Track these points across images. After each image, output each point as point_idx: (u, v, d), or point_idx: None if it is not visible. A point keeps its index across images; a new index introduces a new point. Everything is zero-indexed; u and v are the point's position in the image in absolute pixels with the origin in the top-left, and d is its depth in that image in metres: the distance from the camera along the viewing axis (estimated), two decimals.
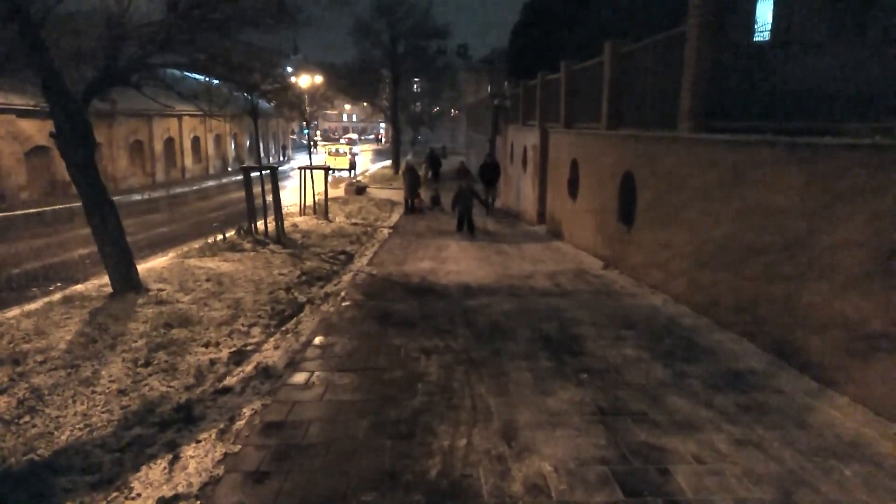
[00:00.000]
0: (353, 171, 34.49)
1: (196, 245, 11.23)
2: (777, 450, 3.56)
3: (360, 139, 73.37)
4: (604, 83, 9.80)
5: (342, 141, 58.13)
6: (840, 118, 5.03)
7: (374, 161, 48.10)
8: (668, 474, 3.30)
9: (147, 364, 5.23)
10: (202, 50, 8.33)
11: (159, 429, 4.04)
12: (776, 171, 5.05)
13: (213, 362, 5.31)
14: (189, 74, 10.78)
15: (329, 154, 35.89)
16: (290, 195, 17.51)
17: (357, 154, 38.00)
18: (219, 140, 37.32)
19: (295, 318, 6.63)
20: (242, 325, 6.36)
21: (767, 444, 3.62)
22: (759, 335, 5.29)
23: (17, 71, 7.63)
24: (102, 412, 4.34)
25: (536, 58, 19.79)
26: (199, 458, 3.60)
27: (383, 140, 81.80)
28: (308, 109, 38.10)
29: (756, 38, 6.95)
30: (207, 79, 11.82)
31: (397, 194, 20.06)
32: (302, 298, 7.47)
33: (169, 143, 30.92)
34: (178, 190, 26.80)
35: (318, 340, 5.68)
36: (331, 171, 32.79)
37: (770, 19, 6.85)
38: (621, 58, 9.36)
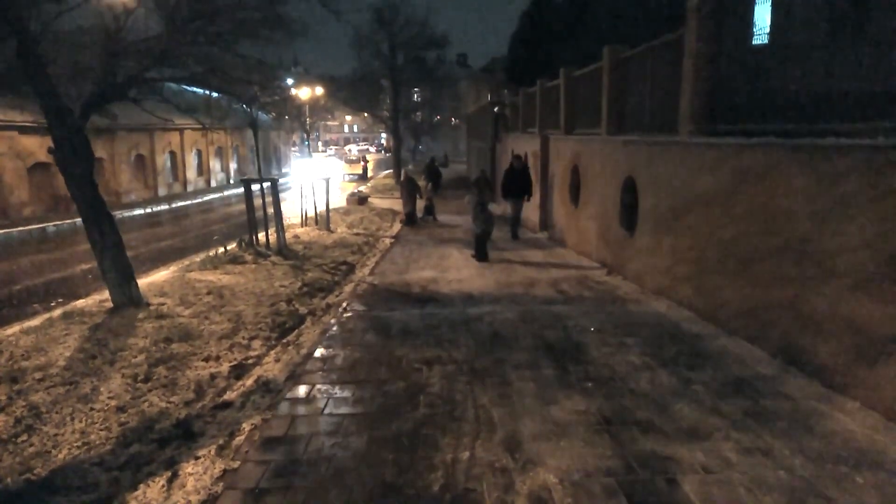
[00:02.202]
0: (365, 175, 39.48)
1: (197, 258, 11.21)
2: (786, 457, 3.48)
3: (370, 150, 77.13)
4: (603, 89, 9.77)
5: (358, 150, 69.00)
6: (842, 119, 4.98)
7: (375, 171, 48.31)
8: (675, 484, 3.23)
9: (147, 379, 5.19)
10: (200, 63, 8.34)
11: (158, 446, 3.99)
12: (779, 174, 5.00)
13: (213, 377, 5.26)
14: (188, 88, 10.80)
15: (346, 162, 44.50)
16: (291, 207, 17.50)
17: (369, 161, 45.12)
18: (221, 153, 37.41)
19: (296, 331, 6.58)
20: (243, 338, 6.32)
21: (776, 452, 3.54)
22: (765, 340, 5.22)
23: (16, 87, 7.65)
24: (101, 430, 4.30)
25: (535, 65, 19.83)
26: (198, 475, 3.55)
27: (384, 149, 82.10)
28: (308, 120, 38.36)
29: (755, 42, 6.91)
30: (207, 92, 11.85)
31: (399, 204, 20.03)
32: (303, 310, 7.42)
33: (171, 156, 31.01)
34: (181, 203, 26.85)
35: (319, 353, 5.62)
36: (346, 175, 39.05)
37: (768, 22, 6.82)
38: (620, 63, 9.33)
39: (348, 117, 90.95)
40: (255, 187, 12.23)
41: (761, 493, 3.13)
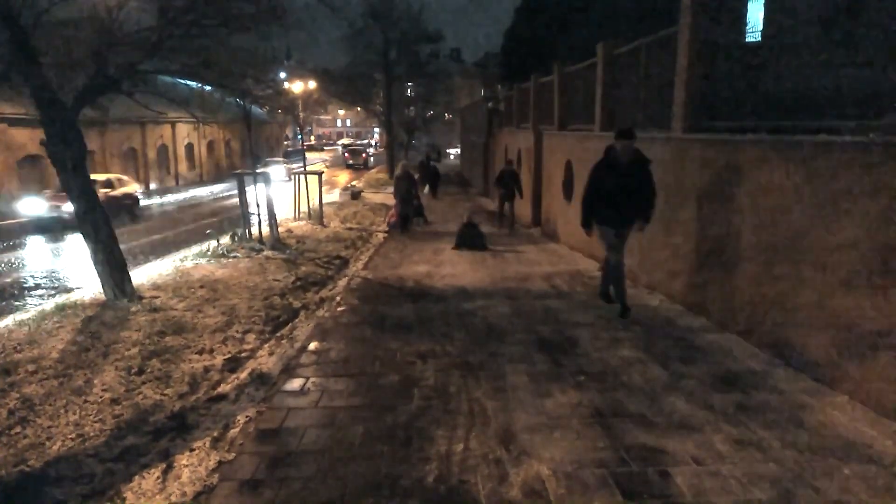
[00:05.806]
0: (366, 165, 47.03)
1: (190, 252, 11.18)
2: (776, 450, 3.53)
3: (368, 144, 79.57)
4: (597, 84, 9.80)
5: (359, 143, 77.08)
6: (833, 117, 5.03)
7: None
8: (667, 476, 3.27)
9: (140, 372, 5.18)
10: (194, 55, 8.29)
11: (153, 437, 4.00)
12: (771, 170, 5.04)
13: (207, 369, 5.26)
14: (181, 80, 10.73)
15: (347, 153, 50.49)
16: (285, 201, 17.43)
17: (371, 154, 52.19)
18: (212, 146, 37.27)
19: (290, 324, 6.59)
20: (237, 331, 6.32)
21: (766, 445, 3.59)
22: (756, 334, 5.28)
23: (7, 79, 7.58)
24: (95, 421, 4.30)
25: (529, 60, 19.85)
26: (193, 466, 3.56)
27: (377, 145, 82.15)
28: (301, 115, 38.27)
29: (748, 39, 6.95)
30: (199, 85, 11.77)
31: (392, 199, 19.92)
32: (297, 304, 7.43)
33: (162, 149, 30.87)
34: (172, 197, 26.71)
35: (313, 346, 5.63)
36: (349, 164, 46.88)
37: (761, 19, 6.86)
38: (614, 59, 9.36)
39: (341, 111, 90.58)
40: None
41: (752, 485, 3.18)
